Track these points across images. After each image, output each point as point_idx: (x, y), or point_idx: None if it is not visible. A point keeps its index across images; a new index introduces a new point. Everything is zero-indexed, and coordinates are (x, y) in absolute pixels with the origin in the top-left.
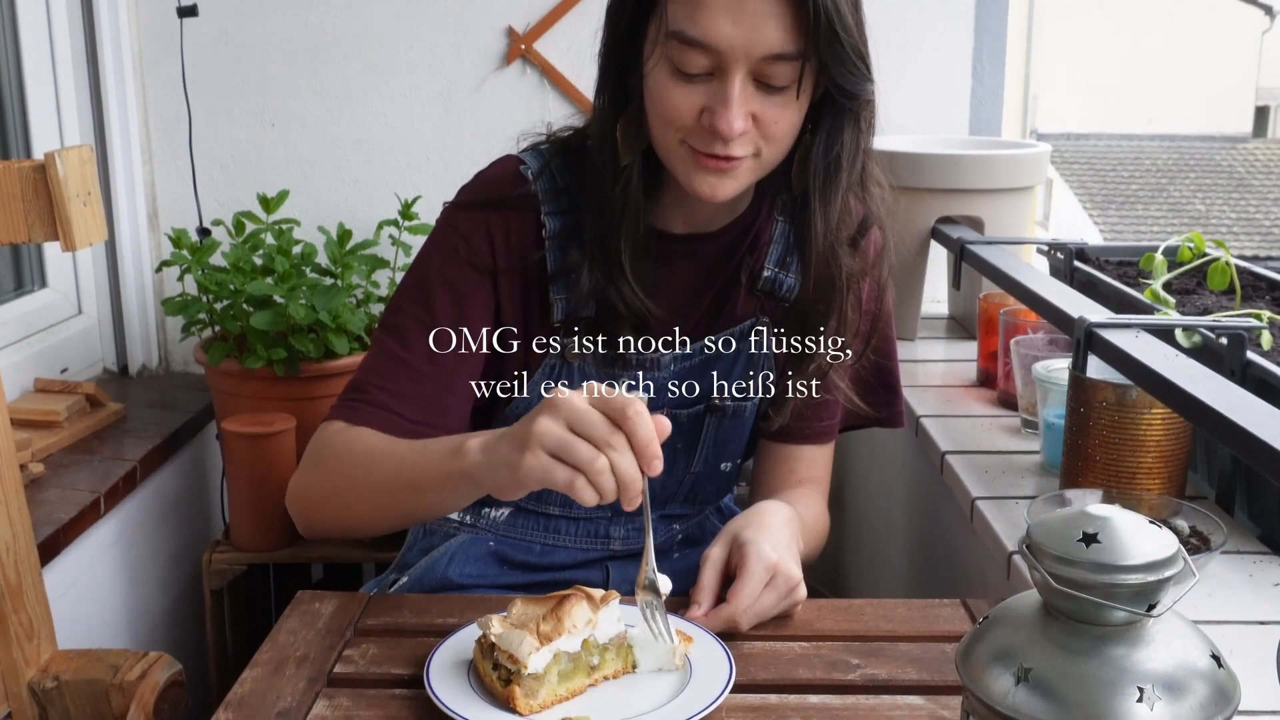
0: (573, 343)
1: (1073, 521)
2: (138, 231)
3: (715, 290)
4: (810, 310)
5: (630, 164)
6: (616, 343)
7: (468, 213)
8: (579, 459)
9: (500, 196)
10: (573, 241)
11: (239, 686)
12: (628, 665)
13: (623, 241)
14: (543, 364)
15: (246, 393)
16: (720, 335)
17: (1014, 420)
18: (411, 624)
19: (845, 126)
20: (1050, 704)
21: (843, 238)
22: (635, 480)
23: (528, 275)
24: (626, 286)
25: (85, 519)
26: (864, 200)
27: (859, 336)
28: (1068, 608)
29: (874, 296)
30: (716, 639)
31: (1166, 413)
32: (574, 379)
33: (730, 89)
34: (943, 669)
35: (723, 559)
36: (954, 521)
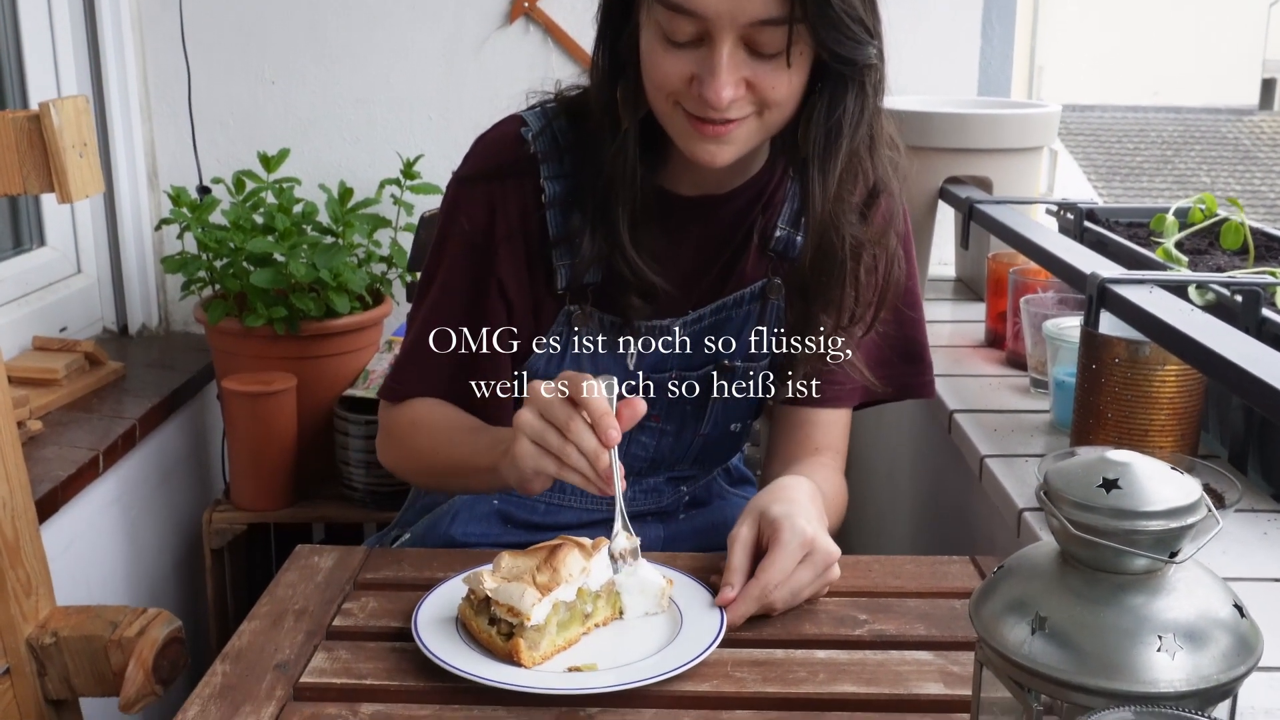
0: (578, 310)
1: (1092, 467)
2: (137, 190)
3: (727, 253)
4: (812, 279)
5: (627, 130)
6: (623, 310)
7: (470, 187)
8: (550, 445)
9: (500, 165)
10: (574, 206)
11: (236, 639)
12: (615, 612)
13: (619, 210)
14: (550, 332)
15: (247, 352)
16: (731, 297)
17: (1023, 380)
18: (411, 578)
19: (847, 91)
20: (1067, 653)
21: (847, 205)
22: (596, 453)
23: (531, 241)
24: (629, 254)
25: (84, 477)
26: (872, 166)
27: (868, 307)
28: (1086, 555)
29: (883, 266)
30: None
31: (1180, 369)
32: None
33: (718, 57)
34: (951, 625)
35: (752, 538)
36: (962, 481)
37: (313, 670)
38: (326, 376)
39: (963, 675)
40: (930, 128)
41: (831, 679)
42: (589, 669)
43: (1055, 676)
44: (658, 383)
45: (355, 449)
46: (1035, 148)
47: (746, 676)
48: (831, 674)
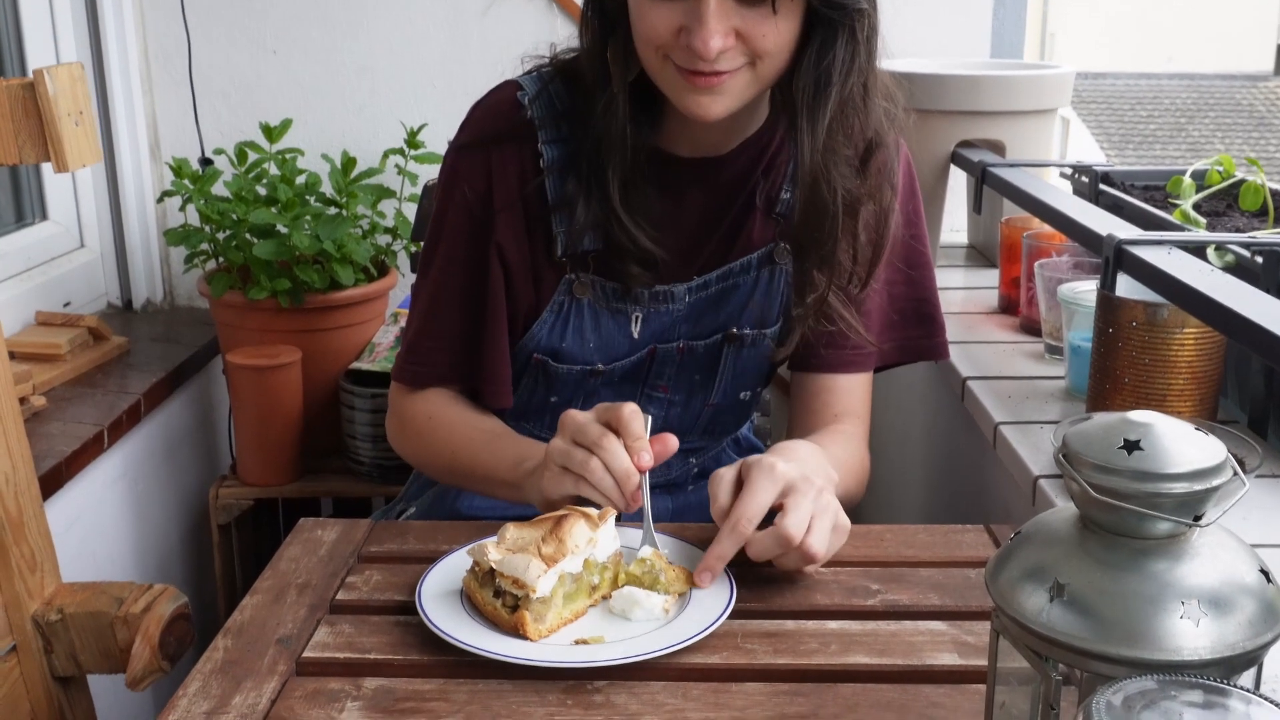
0: (578, 279)
1: (1113, 428)
2: (139, 163)
3: (730, 217)
4: (804, 234)
5: (617, 90)
6: (623, 278)
7: (469, 155)
8: (575, 464)
9: (497, 131)
10: (571, 171)
11: (239, 613)
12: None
13: (610, 172)
14: (551, 301)
15: (251, 325)
16: (736, 263)
17: (1037, 346)
18: (416, 551)
19: (837, 39)
20: (1087, 621)
21: (839, 157)
22: (628, 474)
23: (530, 208)
24: (621, 217)
25: (88, 452)
26: (867, 118)
27: (865, 265)
28: (1107, 520)
29: (878, 218)
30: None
31: (1199, 332)
32: (584, 316)
33: (705, 6)
34: (966, 595)
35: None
36: (975, 448)
37: (315, 645)
38: (332, 350)
39: (977, 645)
40: (942, 90)
41: (843, 650)
42: (596, 642)
43: (1075, 645)
44: (664, 352)
45: (361, 423)
46: (1049, 110)
47: (757, 648)
48: (844, 645)
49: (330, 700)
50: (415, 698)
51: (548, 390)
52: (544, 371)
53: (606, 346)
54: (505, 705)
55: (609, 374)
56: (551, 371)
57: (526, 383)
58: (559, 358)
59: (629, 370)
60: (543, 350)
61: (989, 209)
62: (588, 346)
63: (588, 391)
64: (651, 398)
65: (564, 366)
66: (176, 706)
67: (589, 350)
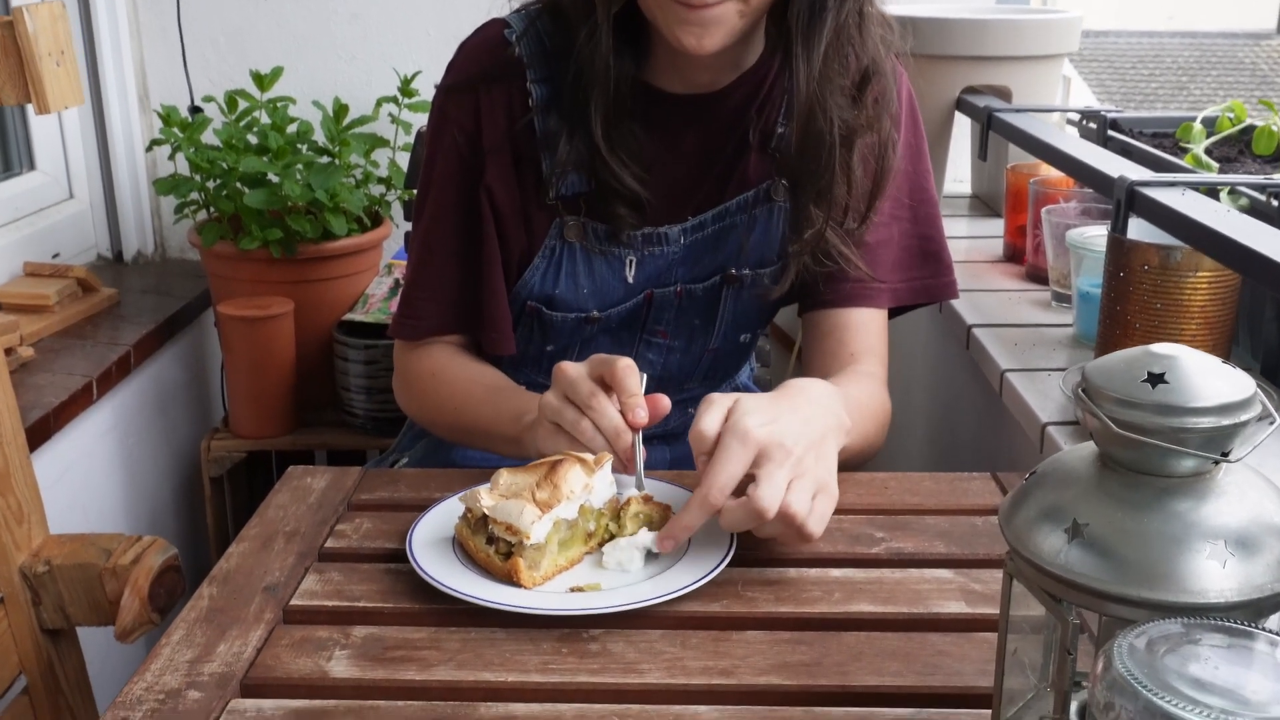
0: (569, 222)
1: (1135, 362)
2: (128, 112)
3: (725, 156)
4: (800, 167)
5: (601, 20)
6: (613, 220)
7: (456, 96)
8: (566, 424)
9: (484, 71)
10: (556, 107)
11: (224, 561)
12: (620, 532)
13: (593, 107)
14: (543, 246)
15: (243, 276)
16: (732, 202)
17: (1044, 294)
18: (408, 499)
19: None
20: (1107, 562)
21: (835, 86)
22: (619, 433)
23: (519, 149)
24: (604, 155)
25: (77, 403)
26: (863, 46)
27: (862, 198)
28: (1128, 457)
29: (876, 150)
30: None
31: (1213, 275)
32: (576, 261)
33: None
34: (973, 543)
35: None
36: (981, 397)
37: (303, 593)
38: (325, 301)
39: (985, 593)
40: (947, 34)
41: (847, 598)
42: (592, 589)
43: (1094, 587)
44: (661, 296)
45: (355, 374)
46: (1056, 55)
47: (758, 596)
48: (847, 593)
49: (318, 648)
50: (405, 646)
51: (543, 339)
52: (538, 320)
53: (601, 292)
54: (498, 654)
55: (605, 321)
56: (546, 320)
57: (521, 332)
58: (553, 305)
59: (626, 317)
60: (536, 297)
61: (994, 156)
62: (581, 293)
63: (584, 339)
64: (651, 344)
65: (558, 314)
66: (160, 655)
67: (583, 297)
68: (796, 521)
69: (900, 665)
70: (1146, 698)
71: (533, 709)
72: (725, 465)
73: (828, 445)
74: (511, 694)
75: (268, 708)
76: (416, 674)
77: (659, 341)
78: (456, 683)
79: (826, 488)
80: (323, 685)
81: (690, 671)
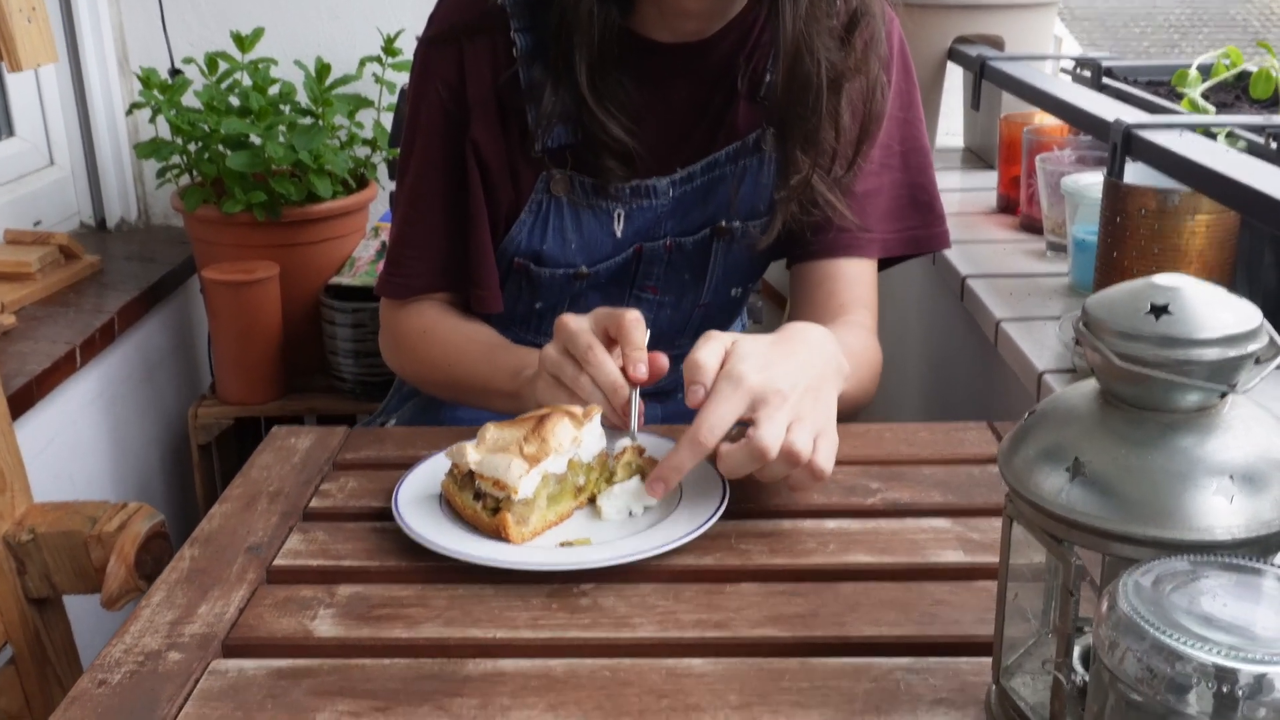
0: (556, 175)
1: (1138, 293)
2: (108, 77)
3: (713, 106)
4: (787, 111)
5: None
6: (601, 173)
7: (439, 49)
8: (565, 378)
9: (467, 22)
10: (540, 57)
11: (206, 522)
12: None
13: (578, 56)
14: (529, 200)
15: (227, 240)
16: (721, 153)
17: (1038, 244)
18: (395, 457)
19: None
20: (1110, 500)
21: (822, 27)
22: (615, 388)
23: (504, 101)
24: (590, 106)
25: (60, 371)
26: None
27: (850, 144)
28: (1131, 392)
29: (865, 94)
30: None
31: (1211, 219)
32: (564, 215)
33: None
34: (970, 491)
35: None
36: (975, 348)
37: (287, 552)
38: (311, 264)
39: (983, 542)
40: None
41: (843, 549)
42: (582, 544)
43: (1097, 526)
44: (651, 250)
45: (343, 338)
46: (1048, 3)
47: (752, 548)
48: (843, 544)
49: (302, 608)
50: (392, 604)
51: (532, 296)
52: (526, 277)
53: (589, 247)
54: (486, 610)
55: (594, 277)
56: (534, 276)
57: (510, 289)
58: (540, 261)
59: (615, 272)
60: (523, 253)
61: (987, 107)
62: (569, 248)
63: (573, 295)
64: (641, 300)
65: (546, 270)
66: (140, 617)
67: (571, 252)
68: (802, 459)
69: (898, 615)
70: (1154, 636)
71: (522, 665)
72: (717, 406)
73: (826, 390)
74: (500, 650)
75: (250, 668)
76: (403, 632)
77: (649, 297)
78: (444, 640)
79: (826, 431)
80: (307, 644)
81: (683, 625)
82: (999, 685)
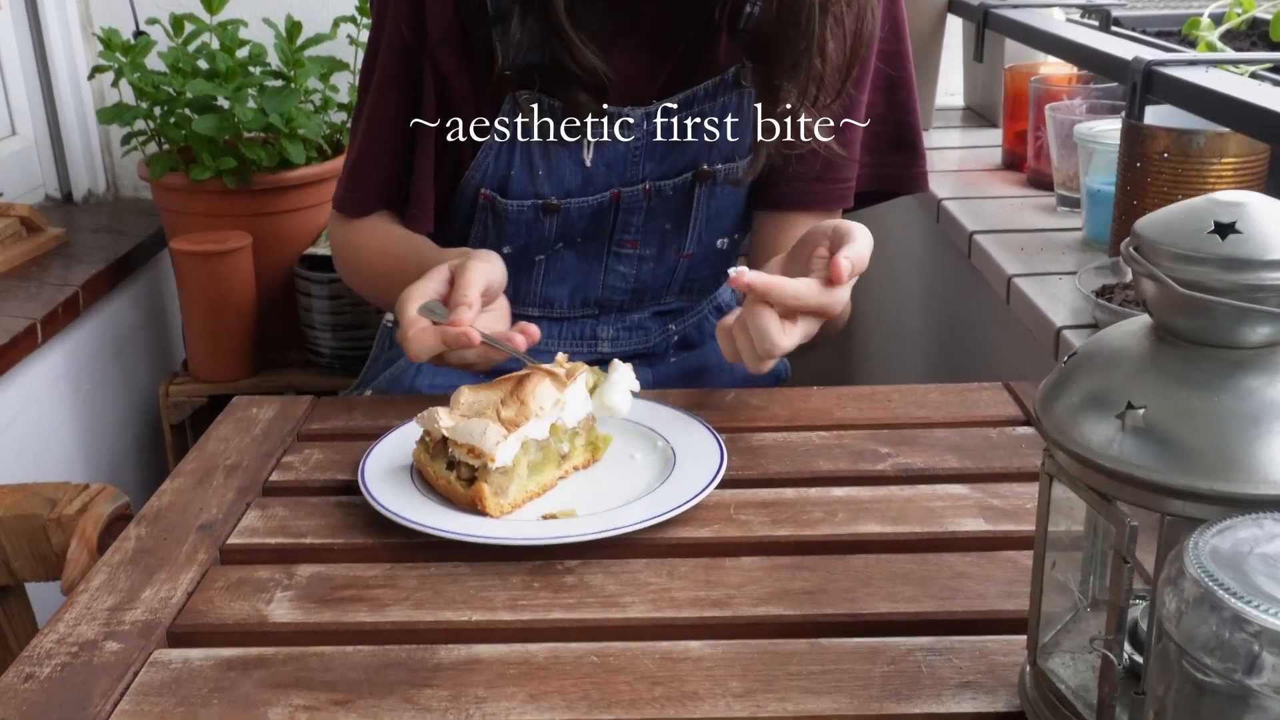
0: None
1: (1198, 211)
2: (70, 42)
3: (691, 35)
4: (775, 37)
5: None
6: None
7: None
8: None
9: None
10: None
11: (155, 499)
12: (597, 454)
13: None
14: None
15: (197, 210)
16: (700, 87)
17: (1048, 199)
18: (364, 427)
19: None
20: (1168, 450)
21: None
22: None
23: (471, 32)
24: (566, 34)
25: (19, 347)
26: None
27: (837, 71)
28: (1190, 326)
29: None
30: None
31: (1238, 161)
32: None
33: None
34: (988, 455)
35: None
36: (985, 306)
37: (243, 530)
38: (285, 234)
39: (1005, 509)
40: None
41: (852, 519)
42: (567, 516)
43: (1155, 480)
44: (629, 197)
45: (320, 311)
46: None
47: (752, 519)
48: (852, 513)
49: (257, 590)
50: (356, 585)
51: (498, 236)
52: (492, 212)
53: (556, 175)
54: (461, 590)
55: (566, 217)
56: (500, 210)
57: (476, 230)
58: (506, 191)
59: (591, 221)
60: (489, 183)
61: (990, 59)
62: (536, 175)
63: (542, 238)
64: (620, 255)
65: (514, 203)
66: (76, 603)
67: (538, 180)
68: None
69: (915, 590)
70: (1236, 607)
71: (500, 650)
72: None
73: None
74: (476, 635)
75: (196, 658)
76: (368, 615)
77: (628, 251)
78: (413, 624)
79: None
80: (260, 631)
81: (678, 604)
82: (1035, 666)
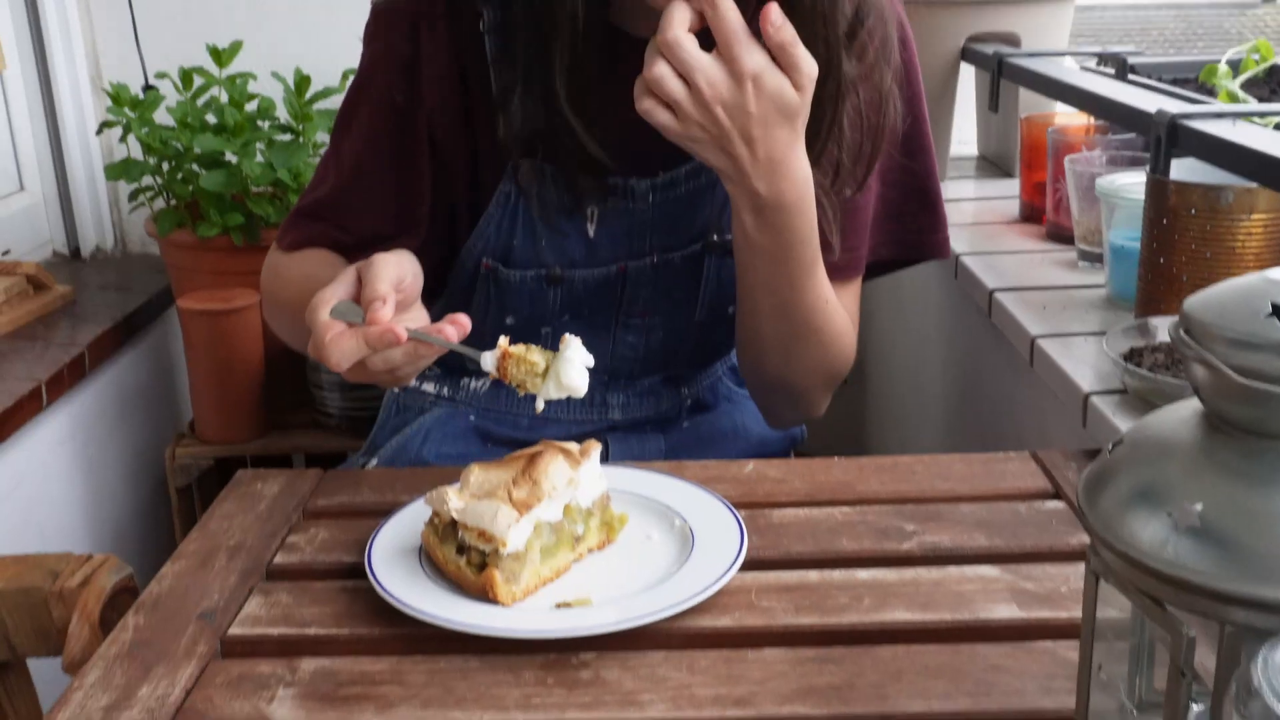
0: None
1: (1254, 291)
2: (79, 97)
3: None
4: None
5: None
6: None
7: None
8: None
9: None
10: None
11: (155, 584)
12: (612, 535)
13: (556, 58)
14: (496, 193)
15: (204, 267)
16: None
17: (1069, 254)
18: (371, 503)
19: None
20: (1227, 553)
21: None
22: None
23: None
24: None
25: (24, 410)
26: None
27: (858, 160)
28: (1249, 415)
29: (874, 107)
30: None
31: (1268, 218)
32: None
33: None
34: (1018, 533)
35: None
36: (1008, 367)
37: (245, 619)
38: None
39: (1039, 593)
40: None
41: (879, 604)
42: (581, 604)
43: (1214, 586)
44: (637, 271)
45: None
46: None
47: (775, 606)
48: (878, 598)
49: (258, 687)
50: (362, 681)
51: (501, 307)
52: (495, 282)
53: (560, 245)
54: (472, 687)
55: (571, 288)
56: (503, 280)
57: (478, 299)
58: (509, 261)
59: (598, 294)
60: (491, 252)
61: (1005, 108)
62: (539, 244)
63: (546, 309)
64: (629, 325)
65: (516, 273)
66: (70, 701)
67: (541, 250)
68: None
69: (948, 685)
70: None
71: None
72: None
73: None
74: None
75: None
76: (374, 716)
77: (637, 321)
78: None
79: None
80: None
81: (700, 701)
82: None
